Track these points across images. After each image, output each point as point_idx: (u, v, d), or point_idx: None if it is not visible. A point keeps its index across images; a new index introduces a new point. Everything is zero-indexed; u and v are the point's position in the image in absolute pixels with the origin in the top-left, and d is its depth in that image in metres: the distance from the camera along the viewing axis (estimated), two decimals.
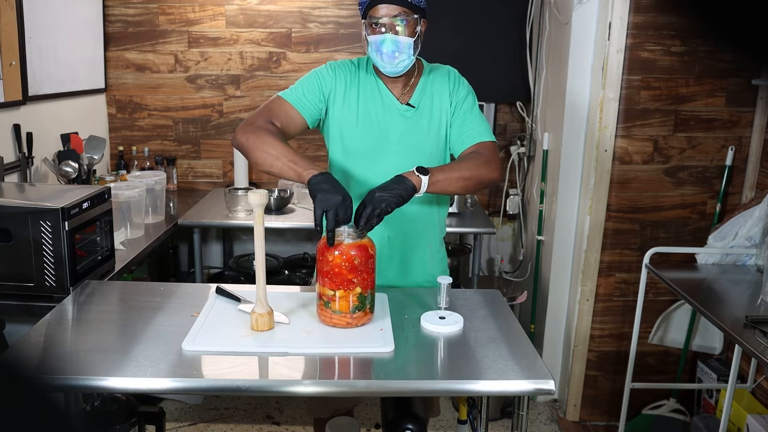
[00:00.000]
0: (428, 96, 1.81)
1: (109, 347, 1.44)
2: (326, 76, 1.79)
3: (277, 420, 2.87)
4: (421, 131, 1.79)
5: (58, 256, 1.85)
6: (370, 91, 1.79)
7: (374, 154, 1.78)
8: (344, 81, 1.79)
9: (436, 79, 1.82)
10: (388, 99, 1.79)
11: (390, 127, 1.78)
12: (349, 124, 1.78)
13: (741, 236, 2.38)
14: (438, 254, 1.92)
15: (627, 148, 2.63)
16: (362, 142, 1.78)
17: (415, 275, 1.88)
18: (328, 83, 1.78)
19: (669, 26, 2.52)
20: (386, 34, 1.67)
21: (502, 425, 2.90)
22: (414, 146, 1.79)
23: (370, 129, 1.78)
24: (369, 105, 1.78)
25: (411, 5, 1.67)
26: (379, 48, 1.68)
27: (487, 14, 3.20)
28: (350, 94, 1.78)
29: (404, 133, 1.78)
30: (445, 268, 1.94)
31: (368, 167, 1.78)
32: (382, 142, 1.78)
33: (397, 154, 1.78)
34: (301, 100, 1.76)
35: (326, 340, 1.47)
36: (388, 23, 1.67)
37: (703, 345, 2.78)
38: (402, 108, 1.79)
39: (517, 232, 3.53)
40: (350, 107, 1.78)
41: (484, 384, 1.34)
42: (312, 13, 3.33)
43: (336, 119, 1.79)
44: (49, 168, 2.62)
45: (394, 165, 1.75)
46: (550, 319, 2.97)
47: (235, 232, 3.59)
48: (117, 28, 3.34)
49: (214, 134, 3.47)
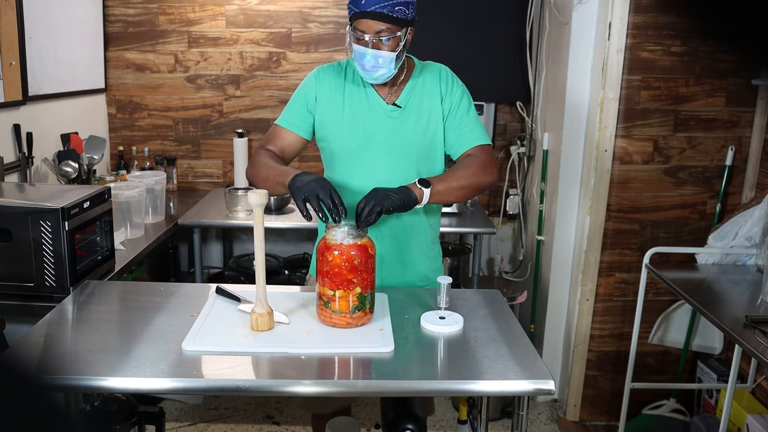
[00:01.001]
0: (417, 96, 1.80)
1: (109, 347, 1.44)
2: (310, 85, 1.82)
3: (277, 420, 2.87)
4: (408, 131, 1.78)
5: (58, 256, 1.85)
6: (356, 92, 1.79)
7: (361, 155, 1.78)
8: (328, 85, 1.80)
9: (427, 79, 1.81)
10: (373, 99, 1.79)
11: (375, 127, 1.78)
12: (335, 127, 1.79)
13: (741, 236, 2.38)
14: (431, 252, 1.92)
15: (627, 148, 2.63)
16: (348, 143, 1.78)
17: (407, 275, 1.88)
18: (311, 92, 1.81)
19: (669, 26, 2.52)
20: (368, 49, 1.66)
21: (502, 425, 2.90)
22: (400, 146, 1.78)
23: (356, 130, 1.78)
24: (354, 106, 1.78)
25: (396, 20, 1.63)
26: (360, 60, 1.68)
27: (487, 14, 3.20)
28: (335, 98, 1.79)
29: (390, 134, 1.78)
30: (439, 266, 1.95)
31: (355, 168, 1.79)
32: (368, 142, 1.78)
33: (384, 155, 1.78)
34: (292, 120, 1.82)
35: (326, 340, 1.47)
36: (370, 39, 1.65)
37: (703, 345, 2.78)
38: (388, 108, 1.78)
39: (517, 232, 3.53)
40: (335, 110, 1.79)
41: (484, 384, 1.34)
42: (312, 13, 3.34)
43: (321, 123, 1.80)
44: (49, 168, 2.62)
45: (381, 166, 1.78)
46: (550, 319, 2.97)
47: (235, 232, 3.60)
48: (117, 28, 3.34)
49: (214, 134, 3.47)
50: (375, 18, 1.62)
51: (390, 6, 1.61)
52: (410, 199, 1.60)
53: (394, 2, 1.61)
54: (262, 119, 3.43)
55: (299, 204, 1.54)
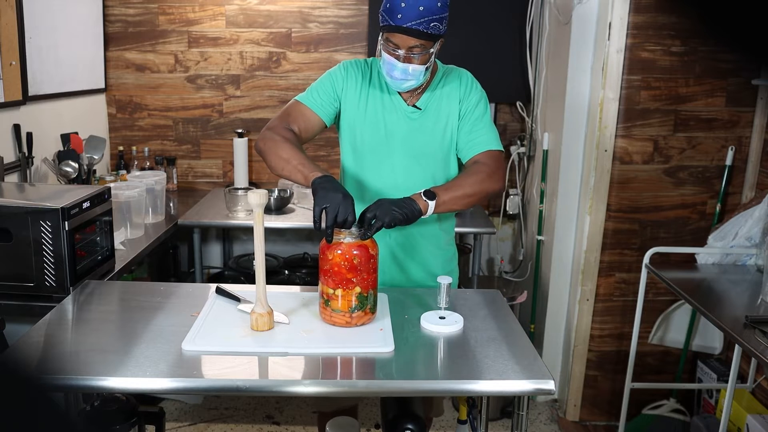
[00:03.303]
0: (437, 99, 1.80)
1: (109, 347, 1.44)
2: (338, 75, 1.81)
3: (277, 420, 2.87)
4: (426, 133, 1.79)
5: (58, 256, 1.85)
6: (380, 92, 1.80)
7: (380, 153, 1.80)
8: (355, 80, 1.80)
9: (448, 83, 1.81)
10: (396, 100, 1.80)
11: (395, 127, 1.79)
12: (358, 123, 1.80)
13: (741, 236, 2.38)
14: (445, 254, 1.93)
15: (627, 148, 2.63)
16: (369, 141, 1.80)
17: (415, 276, 1.89)
18: (340, 82, 1.80)
19: (669, 26, 2.52)
20: (398, 62, 1.65)
21: (502, 425, 2.90)
22: (417, 148, 1.79)
23: (377, 129, 1.79)
24: (377, 105, 1.80)
25: (430, 36, 1.62)
26: (390, 71, 1.69)
27: (487, 14, 3.20)
28: (361, 93, 1.80)
29: (408, 135, 1.79)
30: (453, 268, 1.95)
31: (374, 166, 1.81)
32: (388, 142, 1.79)
33: (401, 155, 1.79)
34: (317, 101, 1.80)
35: (326, 340, 1.47)
36: (402, 54, 1.64)
37: (703, 345, 2.78)
38: (408, 110, 1.79)
39: (517, 232, 3.53)
40: (360, 106, 1.80)
41: (484, 384, 1.34)
42: (312, 13, 3.33)
43: (347, 117, 1.82)
44: (49, 168, 2.62)
45: (398, 166, 1.80)
46: (550, 319, 2.97)
47: (235, 232, 3.59)
48: (117, 28, 3.34)
49: (214, 134, 3.47)
50: (410, 34, 1.60)
51: (426, 23, 1.59)
52: (413, 212, 1.59)
53: (430, 18, 1.59)
54: (262, 119, 3.43)
55: (317, 210, 1.50)
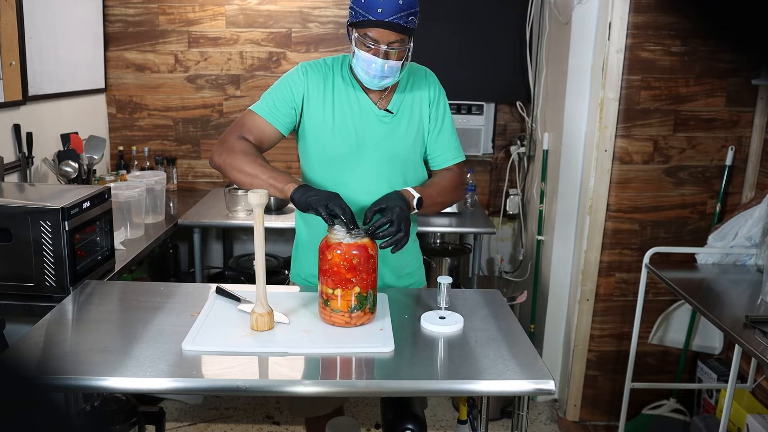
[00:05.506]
0: (408, 102, 1.77)
1: (109, 347, 1.44)
2: (297, 80, 1.73)
3: (277, 420, 2.87)
4: (399, 137, 1.76)
5: (58, 256, 1.85)
6: (346, 95, 1.74)
7: (351, 160, 1.74)
8: (317, 84, 1.73)
9: (415, 84, 1.79)
10: (365, 104, 1.74)
11: (367, 133, 1.74)
12: (325, 130, 1.73)
13: (741, 236, 2.38)
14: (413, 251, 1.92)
15: (627, 148, 2.63)
16: (339, 148, 1.73)
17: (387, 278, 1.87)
18: (299, 88, 1.72)
19: (669, 26, 2.52)
20: (377, 58, 1.62)
21: (502, 425, 2.90)
22: (390, 153, 1.76)
23: (347, 135, 1.73)
24: (345, 110, 1.73)
25: (409, 30, 1.61)
26: (367, 68, 1.64)
27: (488, 14, 3.20)
28: (324, 99, 1.73)
29: (381, 140, 1.75)
30: (420, 264, 1.96)
31: (345, 174, 1.75)
32: (359, 148, 1.74)
33: (373, 160, 1.75)
34: (272, 111, 1.72)
35: (326, 340, 1.47)
36: (382, 49, 1.61)
37: (703, 345, 2.78)
38: (380, 114, 1.74)
39: (517, 232, 3.53)
40: (325, 113, 1.73)
41: (484, 384, 1.34)
42: (312, 13, 3.34)
43: (311, 125, 1.74)
44: (49, 168, 2.62)
45: (371, 171, 1.75)
46: (550, 319, 2.97)
47: (235, 232, 3.59)
48: (117, 28, 3.34)
49: (214, 134, 3.47)
50: (391, 28, 1.58)
51: (405, 16, 1.58)
52: (408, 211, 1.62)
53: (408, 12, 1.58)
54: None
55: (322, 212, 1.49)
